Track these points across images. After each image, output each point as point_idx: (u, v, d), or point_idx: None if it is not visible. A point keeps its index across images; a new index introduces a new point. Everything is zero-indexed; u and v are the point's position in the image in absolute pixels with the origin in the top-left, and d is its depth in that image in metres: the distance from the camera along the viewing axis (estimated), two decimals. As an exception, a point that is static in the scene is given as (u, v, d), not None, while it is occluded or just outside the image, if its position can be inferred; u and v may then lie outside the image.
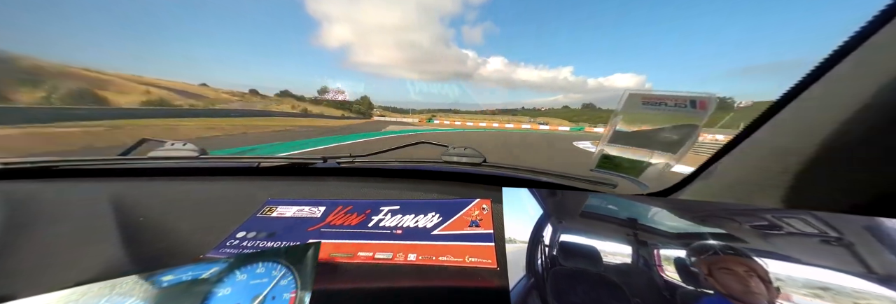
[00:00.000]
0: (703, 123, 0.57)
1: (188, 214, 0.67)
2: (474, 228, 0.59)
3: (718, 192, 0.61)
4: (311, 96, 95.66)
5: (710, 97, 0.56)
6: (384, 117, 73.43)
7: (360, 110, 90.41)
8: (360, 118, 58.91)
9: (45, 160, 0.86)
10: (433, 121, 69.86)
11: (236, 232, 0.59)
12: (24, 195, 0.72)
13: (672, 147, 0.61)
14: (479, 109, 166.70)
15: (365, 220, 0.63)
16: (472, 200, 0.69)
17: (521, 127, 61.91)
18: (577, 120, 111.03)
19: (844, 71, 0.45)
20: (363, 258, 0.51)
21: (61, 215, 0.64)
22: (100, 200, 0.70)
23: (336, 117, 48.26)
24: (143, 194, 0.77)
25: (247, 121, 20.28)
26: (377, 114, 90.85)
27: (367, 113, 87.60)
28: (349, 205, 0.68)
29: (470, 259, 0.51)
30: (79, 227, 0.59)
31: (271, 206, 0.69)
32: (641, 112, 0.62)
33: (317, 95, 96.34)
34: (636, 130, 0.65)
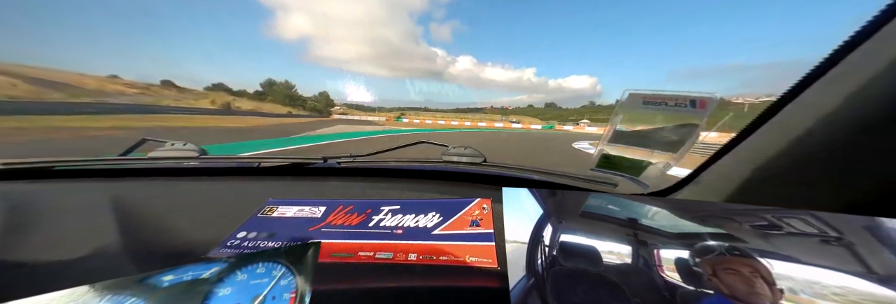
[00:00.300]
0: (703, 122, 0.57)
1: (188, 214, 0.67)
2: (475, 227, 0.59)
3: (718, 192, 0.61)
4: (255, 91, 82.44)
5: (710, 97, 0.56)
6: (346, 116, 67.82)
7: (315, 107, 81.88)
8: (314, 116, 53.22)
9: (45, 161, 0.86)
10: (402, 119, 66.70)
11: (237, 232, 0.59)
12: (23, 196, 0.72)
13: (672, 147, 0.61)
14: (452, 107, 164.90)
15: (365, 220, 0.63)
16: (473, 199, 0.69)
17: (495, 125, 59.91)
18: (544, 118, 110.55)
19: (844, 71, 0.45)
20: (363, 258, 0.51)
21: (61, 215, 0.64)
22: (100, 200, 0.70)
23: (275, 115, 39.96)
24: (143, 194, 0.77)
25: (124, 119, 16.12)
26: (339, 112, 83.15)
27: (324, 111, 79.88)
28: (349, 205, 0.68)
29: (470, 259, 0.51)
30: (79, 227, 0.59)
31: (272, 206, 0.69)
32: (641, 112, 0.62)
33: (260, 90, 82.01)
34: (636, 129, 0.65)
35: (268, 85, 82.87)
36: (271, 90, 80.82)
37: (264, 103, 70.94)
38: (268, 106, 67.73)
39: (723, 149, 0.61)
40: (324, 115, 67.42)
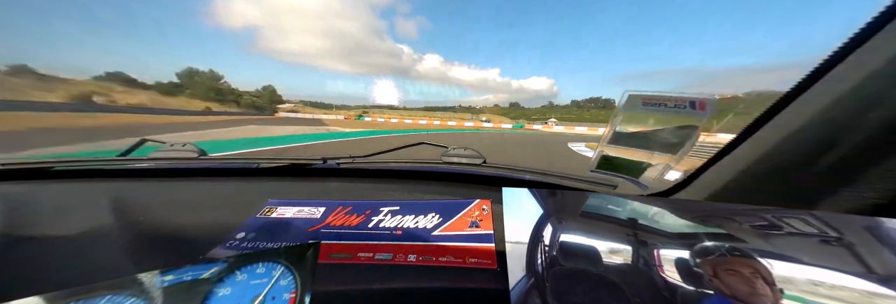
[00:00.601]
0: (703, 124, 0.57)
1: (188, 214, 0.67)
2: (474, 228, 0.59)
3: (718, 192, 0.61)
4: (170, 82, 67.78)
5: (710, 98, 0.57)
6: (295, 114, 57.40)
7: (254, 104, 69.88)
8: (252, 114, 45.25)
9: (45, 161, 0.86)
10: (364, 118, 58.88)
11: (236, 233, 0.59)
12: (23, 196, 0.72)
13: (672, 148, 0.61)
14: (420, 106, 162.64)
15: (365, 220, 0.63)
16: (472, 200, 0.69)
17: (465, 125, 53.06)
18: (510, 117, 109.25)
19: (844, 71, 0.45)
20: (363, 259, 0.51)
21: (61, 215, 0.64)
22: (99, 200, 0.70)
23: (164, 112, 27.47)
24: (142, 194, 0.77)
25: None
26: (288, 109, 68.98)
27: (267, 108, 67.34)
28: (349, 206, 0.68)
29: (470, 260, 0.51)
30: (78, 228, 0.59)
31: (271, 206, 0.69)
32: (641, 113, 0.62)
33: (178, 81, 67.46)
34: (636, 130, 0.65)
35: (187, 76, 68.63)
36: (192, 82, 67.76)
37: (171, 98, 58.47)
38: (174, 101, 56.58)
39: (723, 150, 0.61)
40: (266, 113, 56.98)
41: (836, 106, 0.46)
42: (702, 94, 0.57)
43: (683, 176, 0.70)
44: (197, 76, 69.78)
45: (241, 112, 50.47)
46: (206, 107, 53.20)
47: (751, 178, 0.56)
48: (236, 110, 55.52)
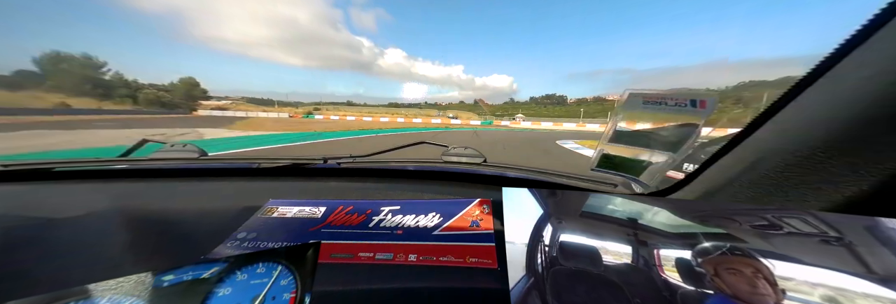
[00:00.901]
0: (703, 122, 0.57)
1: (189, 215, 0.67)
2: (475, 228, 0.59)
3: (718, 192, 0.60)
4: (19, 71, 53.26)
5: (711, 97, 0.56)
6: (225, 112, 49.18)
7: (159, 100, 57.30)
8: (149, 112, 37.87)
9: (45, 162, 0.86)
10: (313, 116, 51.61)
11: (237, 233, 0.59)
12: (24, 197, 0.73)
13: (672, 147, 0.61)
14: (383, 102, 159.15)
15: (365, 220, 0.63)
16: (473, 200, 0.69)
17: (431, 122, 48.85)
18: (478, 114, 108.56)
19: (844, 71, 0.45)
20: (364, 259, 0.51)
21: (61, 216, 0.64)
22: (100, 201, 0.70)
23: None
24: (143, 195, 0.77)
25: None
26: (213, 106, 60.32)
27: (182, 105, 57.18)
28: (350, 205, 0.68)
29: (471, 259, 0.51)
30: (79, 228, 0.60)
31: (272, 206, 0.69)
32: (642, 111, 0.62)
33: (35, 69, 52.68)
34: (636, 129, 0.65)
35: (50, 63, 52.60)
36: (56, 71, 52.57)
37: (12, 92, 44.75)
38: (19, 96, 43.33)
39: (723, 149, 0.61)
40: (180, 111, 48.43)
41: (835, 105, 0.45)
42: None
43: (683, 175, 0.70)
44: (64, 63, 54.45)
45: (133, 110, 40.57)
46: (62, 102, 43.31)
47: (751, 177, 0.56)
48: (129, 108, 45.08)
